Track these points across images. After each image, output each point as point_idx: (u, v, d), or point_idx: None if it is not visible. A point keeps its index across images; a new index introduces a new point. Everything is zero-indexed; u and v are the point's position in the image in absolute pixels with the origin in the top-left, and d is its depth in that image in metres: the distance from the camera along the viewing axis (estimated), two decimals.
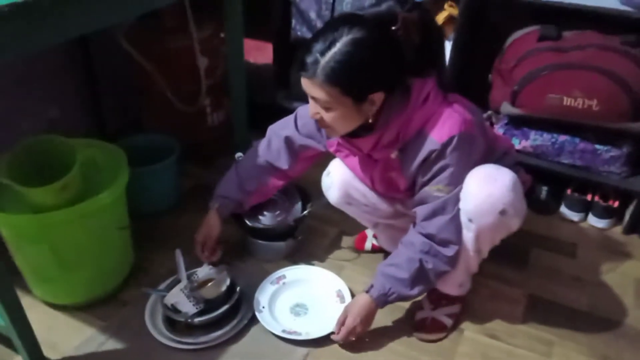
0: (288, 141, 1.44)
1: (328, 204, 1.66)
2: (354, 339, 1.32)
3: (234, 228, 1.68)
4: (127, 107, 2.07)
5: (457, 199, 1.20)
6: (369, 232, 1.68)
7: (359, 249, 1.67)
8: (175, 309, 1.35)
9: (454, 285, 1.38)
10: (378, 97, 1.12)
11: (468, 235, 1.24)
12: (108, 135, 1.92)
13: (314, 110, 1.17)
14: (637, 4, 1.48)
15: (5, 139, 1.59)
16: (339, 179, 1.44)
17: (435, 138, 1.14)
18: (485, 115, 1.90)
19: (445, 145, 1.14)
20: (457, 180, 1.18)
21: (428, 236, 1.23)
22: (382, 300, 1.28)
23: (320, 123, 1.20)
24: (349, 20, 1.09)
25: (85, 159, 1.31)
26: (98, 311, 1.44)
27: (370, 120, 1.17)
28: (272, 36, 2.10)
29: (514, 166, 1.33)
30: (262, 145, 1.50)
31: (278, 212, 1.64)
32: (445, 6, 1.74)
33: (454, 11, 1.72)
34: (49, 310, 1.45)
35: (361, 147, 1.26)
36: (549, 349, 1.36)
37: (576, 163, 1.71)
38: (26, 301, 1.25)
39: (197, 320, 1.34)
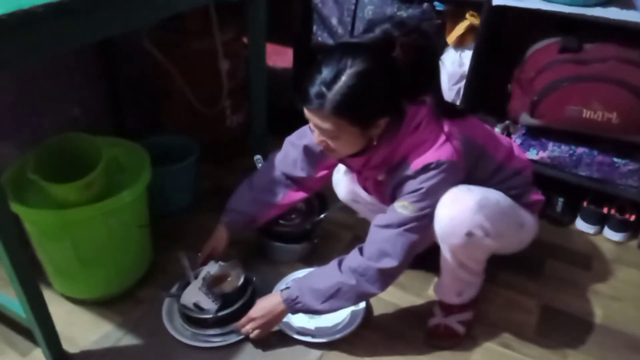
0: (307, 150, 1.43)
1: (343, 208, 1.68)
2: (252, 332, 1.31)
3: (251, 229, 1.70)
4: (147, 107, 2.10)
5: (418, 223, 1.17)
6: None
7: None
8: (199, 307, 1.36)
9: (451, 294, 1.39)
10: (383, 121, 1.14)
11: (445, 251, 1.27)
12: (127, 135, 1.95)
13: (319, 139, 1.19)
14: None
15: (29, 137, 1.64)
16: (346, 177, 1.48)
17: (411, 165, 1.16)
18: (502, 125, 1.91)
19: (418, 172, 1.15)
20: (424, 203, 1.16)
21: (367, 249, 1.21)
22: (289, 306, 1.27)
23: (325, 149, 1.21)
24: (350, 50, 1.10)
25: (109, 158, 1.34)
26: (116, 307, 1.47)
27: (374, 143, 1.18)
28: (292, 41, 2.13)
29: (525, 186, 1.33)
30: (278, 156, 1.49)
31: (295, 215, 1.66)
32: (467, 15, 1.74)
33: (475, 20, 1.73)
34: (68, 304, 1.48)
35: (352, 166, 1.30)
36: None
37: (593, 175, 1.71)
38: (47, 295, 1.27)
39: (220, 314, 1.36)
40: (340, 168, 1.50)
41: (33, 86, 1.67)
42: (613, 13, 1.56)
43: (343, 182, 1.51)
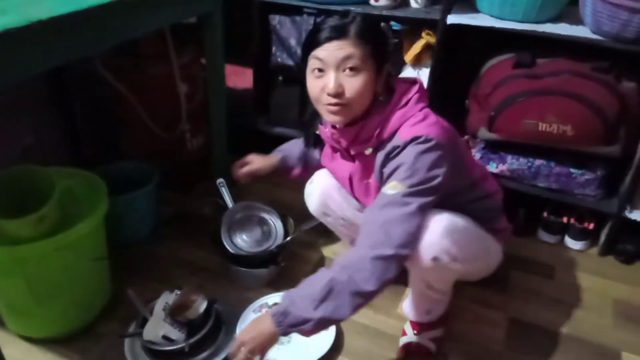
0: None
1: (310, 230, 1.66)
2: (244, 356, 1.11)
3: (214, 255, 1.66)
4: (104, 133, 2.04)
5: (411, 199, 1.10)
6: None
7: None
8: (168, 339, 1.31)
9: (420, 312, 1.39)
10: (386, 68, 1.18)
11: (412, 273, 1.27)
12: (84, 163, 1.88)
13: (337, 82, 1.14)
14: (607, 33, 1.53)
15: None
16: (319, 188, 1.47)
17: (401, 135, 1.15)
18: (462, 139, 1.94)
19: (407, 143, 1.12)
20: (414, 179, 1.10)
21: (359, 240, 1.12)
22: (279, 321, 1.09)
23: (339, 97, 1.15)
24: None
25: (63, 189, 1.29)
26: (75, 345, 1.40)
27: (381, 98, 1.19)
28: (252, 62, 2.11)
29: (495, 211, 1.34)
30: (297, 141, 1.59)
31: (260, 239, 1.63)
32: (423, 34, 1.77)
33: (431, 39, 1.76)
34: (23, 344, 1.41)
35: (343, 137, 1.25)
36: None
37: (552, 186, 1.75)
38: (0, 335, 1.20)
39: (192, 340, 1.31)
40: (314, 179, 1.49)
41: None
42: (563, 29, 1.61)
43: (315, 193, 1.49)
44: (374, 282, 1.06)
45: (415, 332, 1.41)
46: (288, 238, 1.62)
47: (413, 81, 1.23)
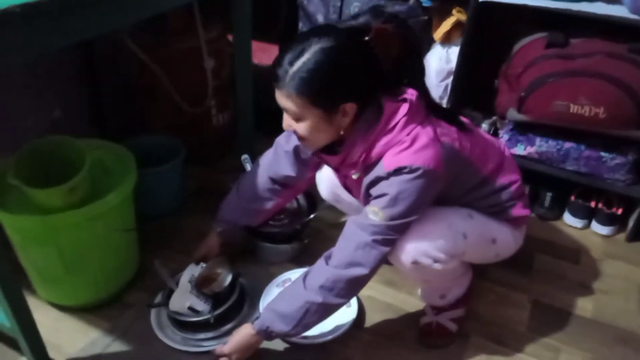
0: (296, 150, 1.39)
1: (332, 206, 1.66)
2: None
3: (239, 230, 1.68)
4: (130, 107, 2.06)
5: (388, 235, 1.12)
6: None
7: None
8: (194, 310, 1.34)
9: (433, 297, 1.39)
10: (350, 107, 1.09)
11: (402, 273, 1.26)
12: (110, 136, 1.91)
13: (286, 123, 1.15)
14: None
15: (8, 140, 1.59)
16: (327, 178, 1.46)
17: (384, 165, 1.10)
18: (490, 121, 1.91)
19: (390, 174, 1.09)
20: (394, 210, 1.09)
21: (336, 256, 1.15)
22: (264, 336, 1.22)
23: (297, 137, 1.17)
24: (320, 31, 1.08)
25: (93, 161, 1.31)
26: (103, 313, 1.44)
27: (342, 133, 1.14)
28: (278, 38, 2.10)
29: (511, 201, 1.29)
30: (266, 160, 1.45)
31: (284, 215, 1.64)
32: (453, 12, 1.74)
33: (462, 16, 1.73)
34: (54, 311, 1.45)
35: (330, 163, 1.27)
36: (555, 355, 1.37)
37: (581, 170, 1.72)
38: (31, 302, 1.23)
39: (217, 312, 1.34)
40: (324, 167, 1.46)
41: (11, 88, 1.62)
42: (599, 8, 1.56)
43: (325, 182, 1.48)
44: (348, 297, 1.18)
45: (435, 312, 1.41)
46: (312, 215, 1.63)
47: (403, 100, 1.12)
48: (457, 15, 1.74)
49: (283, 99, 1.10)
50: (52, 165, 1.31)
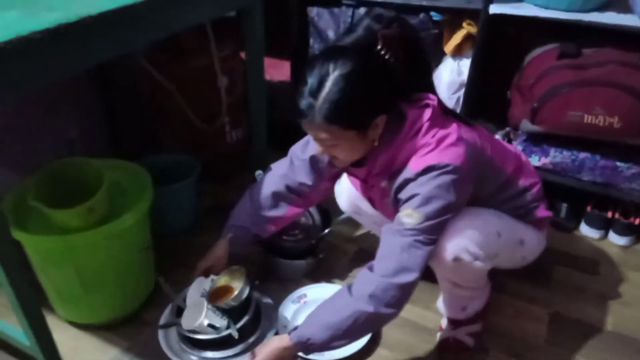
0: (313, 160, 1.37)
1: (347, 221, 1.67)
2: None
3: (253, 247, 1.68)
4: (145, 126, 2.09)
5: (427, 235, 1.10)
6: None
7: None
8: (213, 327, 1.29)
9: (455, 310, 1.36)
10: (380, 119, 1.10)
11: (437, 273, 1.25)
12: (126, 155, 1.93)
13: (319, 149, 1.16)
14: None
15: (26, 161, 1.62)
16: (347, 189, 1.45)
17: (411, 167, 1.11)
18: (503, 132, 1.90)
19: (418, 175, 1.09)
20: (428, 208, 1.08)
21: (380, 265, 1.12)
22: (301, 349, 1.16)
23: (331, 158, 1.19)
24: (333, 55, 1.06)
25: (110, 181, 1.32)
26: (121, 331, 1.45)
27: (375, 144, 1.14)
28: (290, 54, 2.12)
29: (533, 202, 1.30)
30: (280, 169, 1.42)
31: (298, 231, 1.64)
32: (464, 24, 1.75)
33: (472, 29, 1.73)
34: (72, 330, 1.46)
35: (357, 175, 1.27)
36: None
37: (597, 180, 1.70)
38: (50, 320, 1.25)
39: (239, 326, 1.29)
40: (343, 179, 1.47)
41: (28, 109, 1.65)
42: (610, 17, 1.56)
43: (345, 194, 1.48)
44: (398, 307, 1.11)
45: (452, 327, 1.40)
46: (326, 230, 1.63)
47: (425, 104, 1.13)
48: (467, 28, 1.74)
49: (313, 131, 1.10)
50: (71, 186, 1.33)
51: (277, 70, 2.26)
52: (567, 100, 1.59)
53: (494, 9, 1.65)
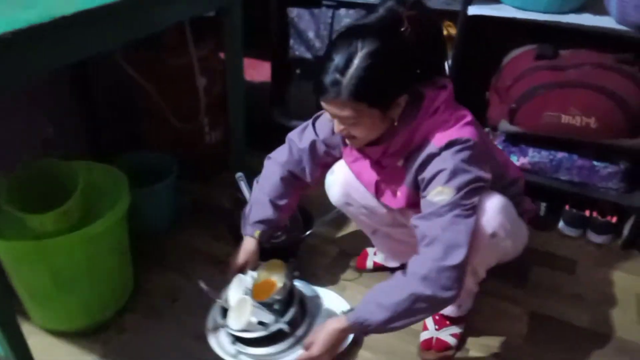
0: (312, 147, 1.38)
1: (330, 221, 1.66)
2: None
3: (232, 247, 1.67)
4: (123, 124, 2.05)
5: (465, 206, 1.09)
6: (370, 250, 1.68)
7: (360, 268, 1.67)
8: (262, 324, 1.28)
9: (453, 305, 1.37)
10: (402, 99, 1.11)
11: None
12: (103, 154, 1.90)
13: (339, 127, 1.15)
14: (633, 23, 1.50)
15: (1, 160, 1.58)
16: (341, 178, 1.42)
17: (434, 143, 1.12)
18: None
19: (442, 149, 1.11)
20: (458, 180, 1.09)
21: (427, 250, 1.11)
22: (358, 330, 1.17)
23: (347, 137, 1.19)
24: (359, 32, 1.07)
25: (86, 183, 1.30)
26: (98, 337, 1.42)
27: (395, 124, 1.15)
28: (269, 55, 2.11)
29: (519, 196, 1.33)
30: (283, 155, 1.42)
31: (279, 232, 1.63)
32: (443, 25, 1.75)
33: (452, 30, 1.74)
34: (48, 337, 1.42)
35: (370, 154, 1.26)
36: None
37: (574, 179, 1.72)
38: (25, 328, 1.22)
39: (288, 319, 1.29)
40: (335, 169, 1.44)
41: (4, 108, 1.61)
42: (587, 19, 1.58)
43: (338, 184, 1.44)
44: (457, 287, 1.09)
45: (436, 327, 1.41)
46: (308, 232, 1.62)
47: (442, 86, 1.16)
48: (447, 29, 1.75)
49: (336, 109, 1.10)
50: (46, 188, 1.30)
51: (257, 71, 2.24)
52: (544, 101, 1.60)
53: (472, 10, 1.66)
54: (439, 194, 1.10)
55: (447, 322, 1.40)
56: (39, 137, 1.76)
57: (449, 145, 1.10)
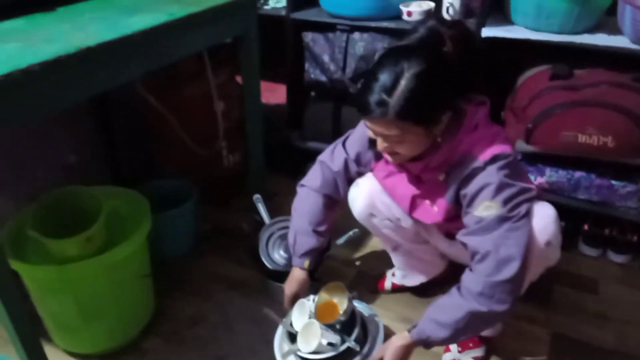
0: (345, 167, 1.41)
1: (347, 243, 1.66)
2: None
3: (252, 270, 1.68)
4: (143, 151, 2.09)
5: (515, 219, 1.10)
6: (389, 272, 1.68)
7: (379, 289, 1.67)
8: (332, 345, 1.32)
9: None
10: (446, 116, 1.14)
11: None
12: (123, 181, 1.93)
13: (384, 146, 1.17)
14: None
15: (25, 188, 1.62)
16: (367, 189, 1.42)
17: (479, 157, 1.14)
18: None
19: (487, 163, 1.12)
20: (506, 193, 1.10)
21: (480, 266, 1.12)
22: (422, 345, 1.19)
23: (390, 154, 1.21)
24: (404, 53, 1.10)
25: (109, 209, 1.32)
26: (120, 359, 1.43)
27: (439, 140, 1.17)
28: (285, 78, 2.14)
29: None
30: (316, 181, 1.43)
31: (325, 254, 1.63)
32: None
33: None
34: (70, 359, 1.44)
35: (411, 170, 1.27)
36: None
37: (593, 199, 1.71)
38: (48, 351, 1.24)
39: (355, 337, 1.31)
40: (359, 182, 1.44)
41: (24, 136, 1.65)
42: (601, 39, 1.59)
43: (362, 196, 1.43)
44: (512, 300, 1.10)
45: (459, 349, 1.40)
46: (326, 254, 1.63)
47: (481, 102, 1.20)
48: None
49: (382, 128, 1.12)
50: (69, 215, 1.33)
51: (273, 94, 2.28)
52: (560, 120, 1.60)
53: (486, 32, 1.67)
54: (487, 209, 1.11)
55: (471, 345, 1.39)
56: (60, 166, 1.80)
57: (494, 159, 1.12)
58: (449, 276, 1.57)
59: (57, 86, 1.06)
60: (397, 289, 1.65)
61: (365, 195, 1.42)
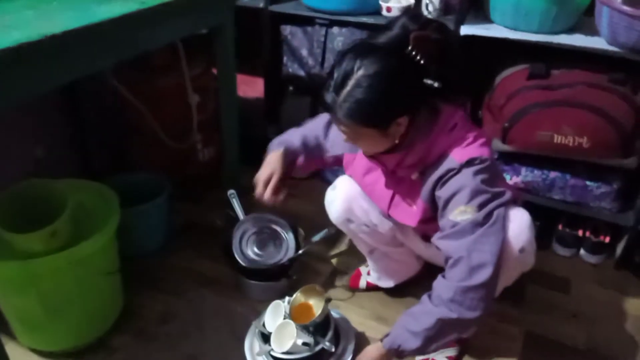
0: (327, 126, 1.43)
1: (320, 241, 1.64)
2: None
3: (225, 266, 1.65)
4: (115, 144, 2.04)
5: (490, 225, 1.08)
6: (364, 270, 1.66)
7: (353, 288, 1.65)
8: (307, 345, 1.32)
9: None
10: (402, 120, 1.10)
11: None
12: (95, 174, 1.88)
13: (345, 138, 1.18)
14: (623, 44, 1.51)
15: None
16: (344, 193, 1.40)
17: (455, 158, 1.12)
18: None
19: (463, 166, 1.10)
20: (481, 198, 1.09)
21: (451, 271, 1.10)
22: (395, 354, 1.19)
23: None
24: (360, 52, 1.07)
25: (75, 203, 1.28)
26: (87, 358, 1.39)
27: (397, 141, 1.15)
28: (262, 72, 2.11)
29: None
30: (317, 129, 1.44)
31: (271, 251, 1.62)
32: None
33: None
34: (35, 358, 1.40)
35: (386, 163, 1.24)
36: None
37: (567, 199, 1.72)
38: (11, 349, 1.20)
39: (329, 337, 1.34)
40: (336, 184, 1.42)
41: None
42: (578, 40, 1.59)
43: (339, 199, 1.41)
44: (483, 307, 1.09)
45: None
46: (300, 251, 1.61)
47: (460, 103, 1.20)
48: None
49: (336, 122, 1.14)
50: (34, 209, 1.28)
51: (250, 87, 2.25)
52: (537, 120, 1.60)
53: (464, 30, 1.67)
54: (461, 214, 1.09)
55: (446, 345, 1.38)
56: (30, 158, 1.74)
57: (470, 162, 1.10)
58: (424, 276, 1.57)
59: (21, 76, 1.02)
60: (372, 288, 1.64)
61: (342, 199, 1.41)
